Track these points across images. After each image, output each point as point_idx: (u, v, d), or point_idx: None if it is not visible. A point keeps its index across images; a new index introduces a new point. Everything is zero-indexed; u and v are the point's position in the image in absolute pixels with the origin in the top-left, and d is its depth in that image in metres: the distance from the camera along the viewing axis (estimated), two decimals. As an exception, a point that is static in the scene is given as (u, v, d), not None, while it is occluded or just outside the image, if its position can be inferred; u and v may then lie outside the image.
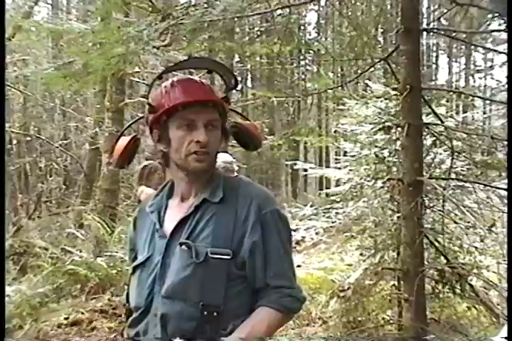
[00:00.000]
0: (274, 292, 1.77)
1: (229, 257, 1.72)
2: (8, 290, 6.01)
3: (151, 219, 1.90)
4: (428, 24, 14.37)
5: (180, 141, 1.78)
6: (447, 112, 5.73)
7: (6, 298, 5.88)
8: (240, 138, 1.97)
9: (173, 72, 2.10)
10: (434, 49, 29.33)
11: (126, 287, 2.09)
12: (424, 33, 5.59)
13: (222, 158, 5.72)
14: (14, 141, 12.90)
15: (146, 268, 1.82)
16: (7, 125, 10.89)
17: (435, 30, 5.73)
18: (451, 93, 7.54)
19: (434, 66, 28.41)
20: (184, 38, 4.70)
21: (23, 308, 5.90)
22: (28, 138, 13.62)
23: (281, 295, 1.77)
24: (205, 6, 4.24)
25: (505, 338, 0.82)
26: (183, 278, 1.73)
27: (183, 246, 1.75)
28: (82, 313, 6.19)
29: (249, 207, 1.78)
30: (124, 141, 1.91)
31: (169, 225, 1.84)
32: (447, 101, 6.26)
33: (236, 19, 4.63)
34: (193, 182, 1.86)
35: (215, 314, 1.72)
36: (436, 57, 30.22)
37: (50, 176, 12.79)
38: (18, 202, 10.23)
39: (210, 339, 1.73)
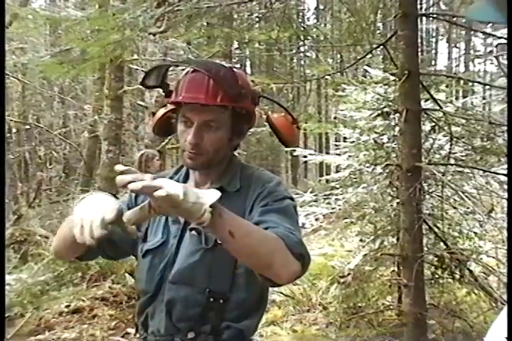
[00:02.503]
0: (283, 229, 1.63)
1: None
2: (9, 278, 6.03)
3: None
4: (427, 9, 14.33)
5: (180, 135, 1.76)
6: (447, 98, 5.73)
7: (7, 287, 5.91)
8: (273, 131, 1.92)
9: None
10: (434, 34, 29.27)
11: (126, 275, 2.08)
12: (424, 18, 5.56)
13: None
14: (13, 130, 12.89)
15: (160, 254, 1.80)
16: (6, 114, 10.88)
17: (434, 15, 5.72)
18: (451, 78, 7.51)
19: (433, 51, 28.34)
20: (181, 25, 4.68)
21: (24, 296, 5.93)
22: (27, 127, 13.61)
23: (291, 233, 1.60)
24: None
25: (506, 338, 0.82)
26: (192, 263, 1.72)
27: (193, 232, 1.73)
28: (83, 301, 6.22)
29: (261, 192, 1.75)
30: (160, 111, 1.88)
31: None
32: (446, 87, 6.24)
33: (234, 5, 4.61)
34: (204, 173, 1.83)
35: (220, 301, 1.71)
36: (436, 42, 30.15)
37: (50, 164, 12.80)
38: (18, 191, 10.24)
39: (213, 327, 1.72)
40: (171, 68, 1.89)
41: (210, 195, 1.33)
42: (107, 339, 5.40)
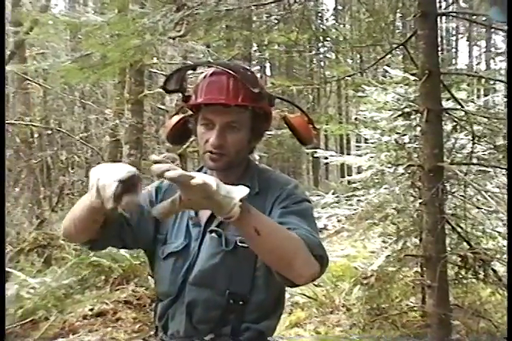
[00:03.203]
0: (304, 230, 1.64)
1: None
2: (33, 282, 6.08)
3: None
4: (447, 7, 14.23)
5: (200, 137, 1.76)
6: (468, 97, 5.68)
7: (32, 290, 5.96)
8: (291, 131, 1.92)
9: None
10: (454, 33, 29.09)
11: (149, 278, 2.09)
12: (443, 16, 5.53)
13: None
14: (35, 135, 12.98)
15: (182, 256, 1.80)
16: (27, 119, 10.98)
17: (453, 14, 5.68)
18: (472, 77, 7.45)
19: (453, 50, 28.17)
20: (200, 28, 4.70)
21: (49, 300, 5.96)
22: (49, 132, 13.70)
23: (310, 234, 1.61)
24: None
25: (506, 338, 0.82)
26: (212, 265, 1.73)
27: (213, 234, 1.75)
28: (107, 304, 6.25)
29: (280, 194, 1.76)
30: (174, 119, 1.89)
31: (203, 212, 1.82)
32: (468, 86, 6.19)
33: (253, 8, 4.62)
34: (224, 176, 1.79)
35: (240, 303, 1.72)
36: (456, 40, 29.98)
37: (72, 168, 12.87)
38: (41, 195, 10.32)
39: (233, 329, 1.73)
40: (189, 72, 1.90)
41: (239, 191, 1.35)
42: (130, 342, 5.43)
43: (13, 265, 6.94)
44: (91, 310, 6.09)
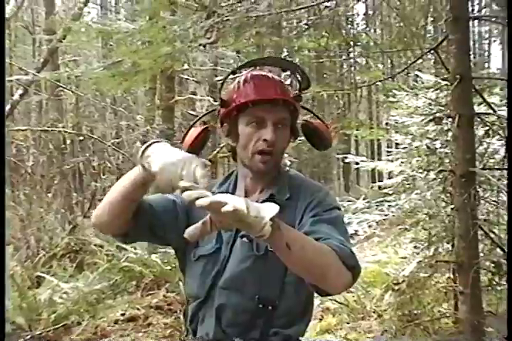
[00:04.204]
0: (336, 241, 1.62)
1: None
2: (65, 287, 6.13)
3: None
4: (479, 11, 14.11)
5: (248, 137, 1.76)
6: (501, 101, 5.62)
7: (64, 295, 6.02)
8: (310, 137, 1.91)
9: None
10: (486, 36, 28.79)
11: (180, 283, 2.11)
12: (475, 20, 5.49)
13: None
14: (68, 141, 13.12)
15: (213, 260, 1.81)
16: (60, 125, 11.10)
17: (486, 18, 5.63)
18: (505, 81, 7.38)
19: (486, 54, 27.89)
20: (231, 35, 4.72)
21: (81, 305, 6.01)
22: (81, 138, 13.84)
23: (343, 245, 1.60)
24: (251, 1, 4.26)
25: (506, 338, 0.81)
26: (243, 269, 1.74)
27: (244, 239, 1.75)
28: (138, 309, 6.29)
29: (310, 202, 1.76)
30: (194, 131, 1.88)
31: None
32: (501, 90, 6.13)
33: (282, 14, 4.63)
34: (259, 179, 1.84)
35: (270, 308, 1.72)
36: (489, 44, 29.66)
37: (104, 174, 12.95)
38: (73, 201, 10.42)
39: (262, 333, 1.73)
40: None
41: (269, 209, 1.33)
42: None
43: (46, 270, 7.01)
44: (122, 314, 6.14)
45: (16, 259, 7.02)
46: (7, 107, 10.32)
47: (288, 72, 1.98)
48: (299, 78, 1.88)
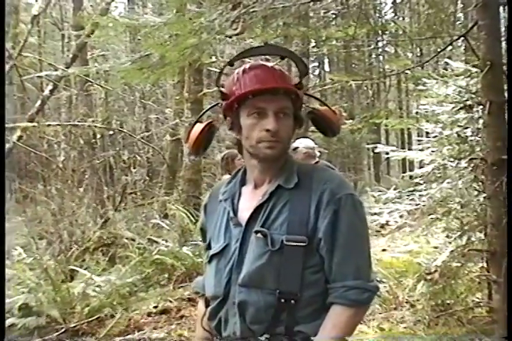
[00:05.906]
0: (339, 286, 1.72)
1: (304, 244, 1.70)
2: (98, 280, 6.20)
3: (224, 207, 1.90)
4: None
5: (251, 128, 1.76)
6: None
7: (97, 289, 6.08)
8: (318, 124, 1.92)
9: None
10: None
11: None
12: (506, 6, 5.40)
13: (304, 144, 5.72)
14: (98, 135, 13.24)
15: (224, 257, 1.82)
16: (90, 120, 11.20)
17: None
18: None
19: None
20: (257, 26, 4.71)
21: (114, 298, 6.08)
22: (111, 132, 13.96)
23: (346, 288, 1.71)
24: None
25: (505, 338, 0.79)
26: (259, 266, 1.73)
27: (259, 234, 1.74)
28: (171, 302, 6.36)
29: (323, 192, 1.74)
30: (198, 127, 1.91)
31: (244, 213, 1.83)
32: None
33: (309, 3, 4.60)
34: (266, 169, 1.83)
35: (292, 302, 1.71)
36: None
37: (134, 168, 13.06)
38: (104, 195, 10.51)
39: (287, 328, 1.72)
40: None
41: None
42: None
43: (79, 264, 7.10)
44: (155, 307, 6.21)
45: (49, 253, 7.11)
46: (37, 103, 10.47)
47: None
48: (296, 65, 1.91)
